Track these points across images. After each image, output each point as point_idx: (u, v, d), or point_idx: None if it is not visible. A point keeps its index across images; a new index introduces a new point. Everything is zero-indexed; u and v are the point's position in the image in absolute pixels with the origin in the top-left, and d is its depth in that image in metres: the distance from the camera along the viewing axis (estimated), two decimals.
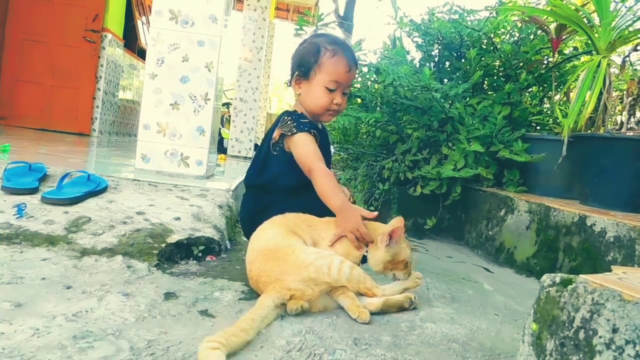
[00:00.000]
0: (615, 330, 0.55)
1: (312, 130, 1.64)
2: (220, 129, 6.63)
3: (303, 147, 1.62)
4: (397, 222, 1.43)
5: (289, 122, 1.67)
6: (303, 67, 1.68)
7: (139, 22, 7.59)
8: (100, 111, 6.07)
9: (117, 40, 6.44)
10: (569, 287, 0.63)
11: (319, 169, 1.55)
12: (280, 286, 1.19)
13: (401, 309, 1.33)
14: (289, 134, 1.64)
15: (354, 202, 1.78)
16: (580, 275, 0.65)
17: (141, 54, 7.56)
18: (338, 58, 1.64)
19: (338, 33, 10.35)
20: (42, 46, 5.76)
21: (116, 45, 6.40)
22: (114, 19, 6.28)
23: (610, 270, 1.61)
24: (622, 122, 2.55)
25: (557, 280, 0.67)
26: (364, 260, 1.43)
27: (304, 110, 1.73)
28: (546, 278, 0.69)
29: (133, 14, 7.25)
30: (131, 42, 7.23)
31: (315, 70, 1.65)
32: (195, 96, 2.50)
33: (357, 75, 4.07)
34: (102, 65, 6.03)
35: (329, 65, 1.64)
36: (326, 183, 1.53)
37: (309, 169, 1.58)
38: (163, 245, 1.55)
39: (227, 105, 7.39)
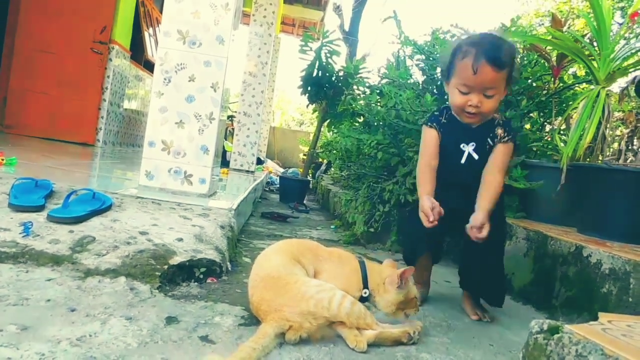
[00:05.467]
0: None
1: (430, 124, 1.79)
2: (223, 142, 6.67)
3: (422, 140, 1.83)
4: (391, 263, 1.54)
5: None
6: (443, 70, 1.78)
7: (146, 34, 7.69)
8: (105, 121, 6.12)
9: (124, 52, 6.51)
10: (555, 337, 0.66)
11: (418, 164, 1.80)
12: (279, 316, 1.22)
13: (398, 343, 1.34)
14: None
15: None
16: (566, 326, 0.68)
17: (147, 65, 7.65)
18: (465, 61, 1.63)
19: (343, 48, 10.44)
20: (50, 57, 5.84)
21: (123, 57, 6.48)
22: (122, 31, 6.36)
23: (605, 303, 1.64)
24: (620, 151, 2.58)
25: (545, 327, 0.70)
26: (362, 300, 1.46)
27: None
28: (534, 324, 0.72)
29: (140, 26, 7.35)
30: (138, 53, 7.31)
31: (451, 72, 1.71)
32: (200, 115, 2.54)
33: (360, 95, 4.13)
34: (108, 77, 6.10)
35: (458, 68, 1.67)
36: (418, 177, 1.77)
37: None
38: (165, 267, 1.58)
39: (230, 118, 7.45)
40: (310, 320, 1.22)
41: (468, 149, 1.75)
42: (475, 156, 1.75)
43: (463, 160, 1.75)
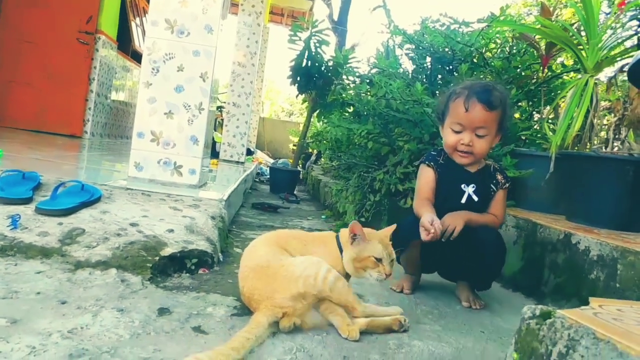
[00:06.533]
0: None
1: (428, 162, 1.83)
2: (212, 132, 6.62)
3: (418, 178, 1.88)
4: (388, 230, 1.52)
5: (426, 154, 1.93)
6: (438, 113, 1.87)
7: (133, 24, 7.59)
8: (92, 113, 6.06)
9: (111, 42, 6.43)
10: (548, 322, 0.67)
11: (415, 201, 1.83)
12: (272, 304, 1.22)
13: (389, 330, 1.35)
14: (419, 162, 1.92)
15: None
16: (558, 311, 0.68)
17: (135, 55, 7.55)
18: (458, 100, 1.73)
19: (332, 38, 10.38)
20: (35, 48, 5.74)
21: (109, 47, 6.39)
22: (108, 21, 6.27)
23: (593, 289, 1.66)
24: (607, 139, 2.61)
25: (537, 312, 0.71)
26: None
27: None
28: (527, 310, 0.73)
29: (127, 15, 7.25)
30: (125, 44, 7.22)
31: (446, 114, 1.80)
32: (189, 106, 2.52)
33: (350, 85, 4.12)
34: (95, 67, 6.02)
35: (451, 108, 1.77)
36: (417, 209, 1.76)
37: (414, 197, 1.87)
38: (157, 258, 1.57)
39: (220, 108, 7.40)
40: (301, 301, 1.24)
41: (468, 190, 1.80)
42: (475, 198, 1.79)
43: (463, 200, 1.79)
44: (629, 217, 2.07)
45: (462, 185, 1.81)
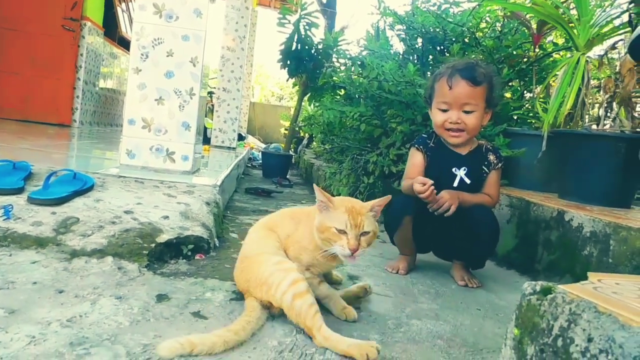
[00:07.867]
0: (590, 340, 0.59)
1: (418, 146, 1.86)
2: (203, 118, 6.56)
3: (407, 161, 1.92)
4: (374, 201, 1.35)
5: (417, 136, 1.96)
6: (426, 97, 1.89)
7: (119, 10, 7.46)
8: (80, 101, 5.98)
9: (97, 29, 6.32)
10: (549, 297, 0.68)
11: (403, 183, 1.87)
12: (253, 295, 1.23)
13: (358, 297, 1.42)
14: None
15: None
16: (559, 286, 0.69)
17: (121, 42, 7.44)
18: (441, 80, 1.75)
19: (321, 21, 10.30)
20: (20, 35, 5.64)
21: (96, 34, 6.29)
22: (93, 7, 6.16)
23: (586, 265, 1.68)
24: (598, 117, 2.62)
25: (538, 288, 0.71)
26: None
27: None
28: (527, 286, 0.74)
29: (112, 1, 7.12)
30: (111, 30, 7.10)
31: (432, 96, 1.82)
32: (180, 91, 2.49)
33: (340, 67, 4.10)
34: (82, 55, 5.93)
35: (436, 88, 1.79)
36: (406, 188, 1.81)
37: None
38: (153, 245, 1.56)
39: (210, 94, 7.33)
40: (274, 304, 1.19)
41: (460, 173, 1.81)
42: (467, 180, 1.80)
43: (456, 184, 1.79)
44: (621, 194, 2.10)
45: (454, 169, 1.81)
